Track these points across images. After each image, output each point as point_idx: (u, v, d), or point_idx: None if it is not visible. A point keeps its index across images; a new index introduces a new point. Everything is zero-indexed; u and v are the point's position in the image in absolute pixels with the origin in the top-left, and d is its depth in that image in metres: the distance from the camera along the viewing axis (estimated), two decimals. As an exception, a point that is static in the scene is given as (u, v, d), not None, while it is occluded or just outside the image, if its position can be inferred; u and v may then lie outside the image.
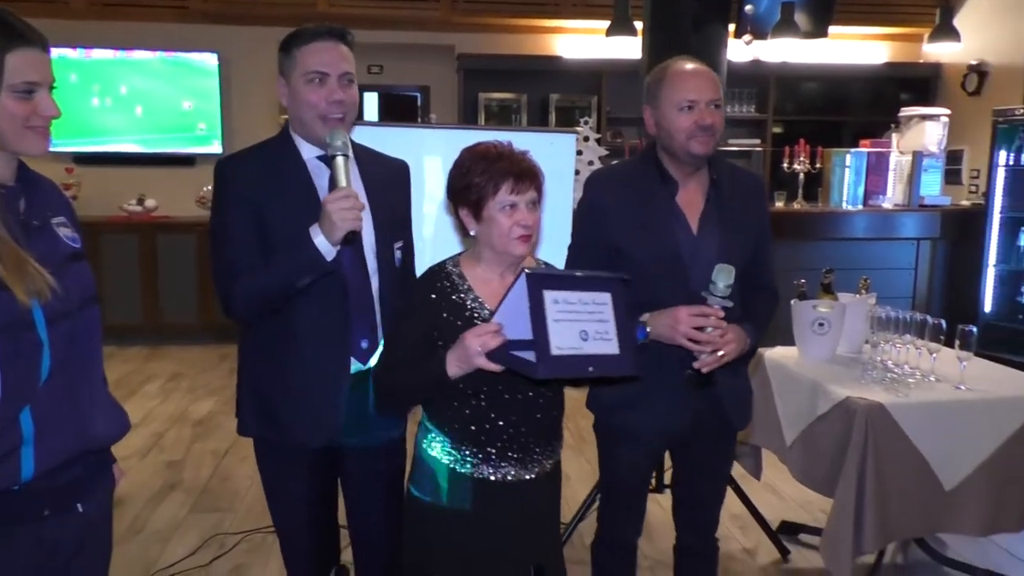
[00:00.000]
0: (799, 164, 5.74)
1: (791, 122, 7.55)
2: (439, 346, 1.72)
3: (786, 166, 5.82)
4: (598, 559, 2.34)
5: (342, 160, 1.82)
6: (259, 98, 6.98)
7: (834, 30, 5.92)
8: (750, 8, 5.32)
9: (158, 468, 4.06)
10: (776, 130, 7.55)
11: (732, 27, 5.07)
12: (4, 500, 1.38)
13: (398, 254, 2.03)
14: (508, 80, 7.26)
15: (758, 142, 7.52)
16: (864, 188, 5.70)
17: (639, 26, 3.87)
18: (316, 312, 1.89)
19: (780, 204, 5.74)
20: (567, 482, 3.92)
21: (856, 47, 7.58)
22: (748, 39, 5.55)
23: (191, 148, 6.96)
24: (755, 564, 3.18)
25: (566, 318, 1.56)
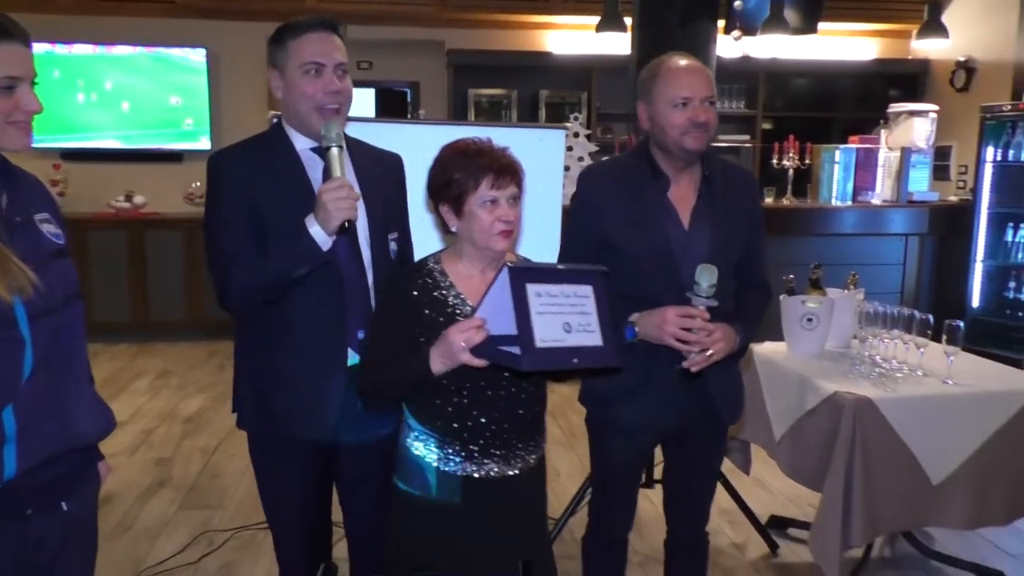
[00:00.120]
0: (788, 160, 5.76)
1: (781, 118, 7.57)
2: (421, 343, 1.71)
3: (776, 162, 5.83)
4: (589, 553, 2.34)
5: (336, 151, 1.83)
6: (247, 94, 6.95)
7: (823, 26, 5.93)
8: (739, 4, 5.33)
9: (147, 465, 4.05)
10: (766, 126, 7.57)
11: (722, 23, 5.08)
12: None
13: (393, 245, 2.03)
14: (498, 76, 7.24)
15: (748, 138, 7.54)
16: (853, 184, 5.73)
17: (629, 22, 3.87)
18: (312, 303, 1.89)
19: (769, 200, 5.76)
20: (558, 477, 3.92)
21: (845, 43, 7.60)
22: (737, 35, 5.56)
23: (179, 144, 6.93)
24: (744, 558, 3.19)
25: (549, 311, 1.56)
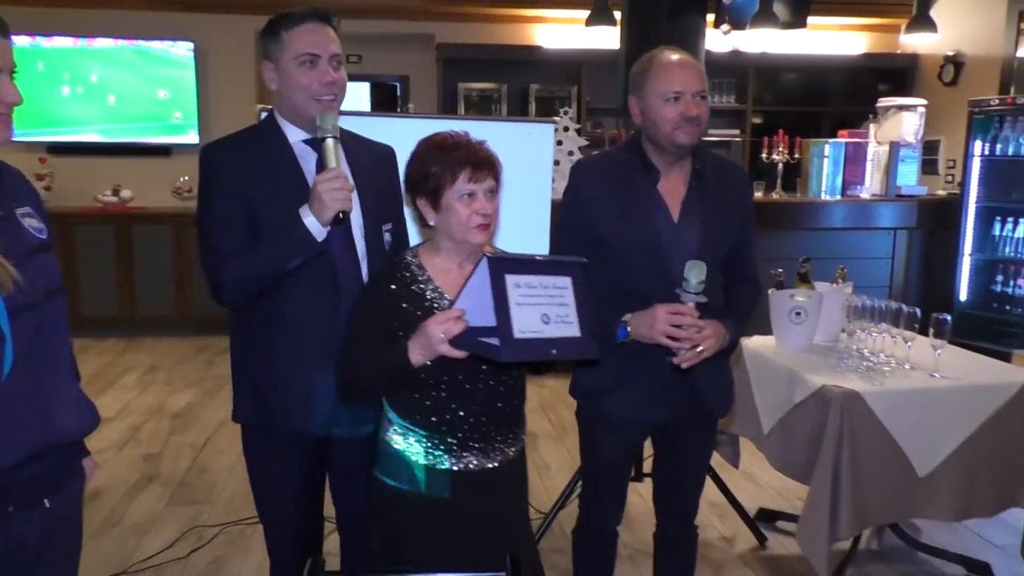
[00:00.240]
0: (778, 154, 5.76)
1: (770, 112, 7.59)
2: (400, 337, 1.71)
3: (765, 156, 5.84)
4: (579, 546, 2.35)
5: (332, 142, 1.83)
6: (235, 87, 6.92)
7: (813, 20, 5.93)
8: (728, -3, 5.32)
9: (135, 461, 4.03)
10: (755, 120, 7.58)
11: (712, 17, 5.08)
12: None
13: (387, 236, 2.03)
14: (488, 70, 7.23)
15: (737, 132, 7.56)
16: (842, 178, 5.74)
17: (618, 16, 3.86)
18: (306, 295, 1.89)
19: (759, 194, 5.76)
20: (548, 471, 3.93)
21: (835, 38, 7.62)
22: (726, 29, 5.56)
23: (167, 138, 6.89)
24: (733, 551, 3.20)
25: (528, 302, 1.57)
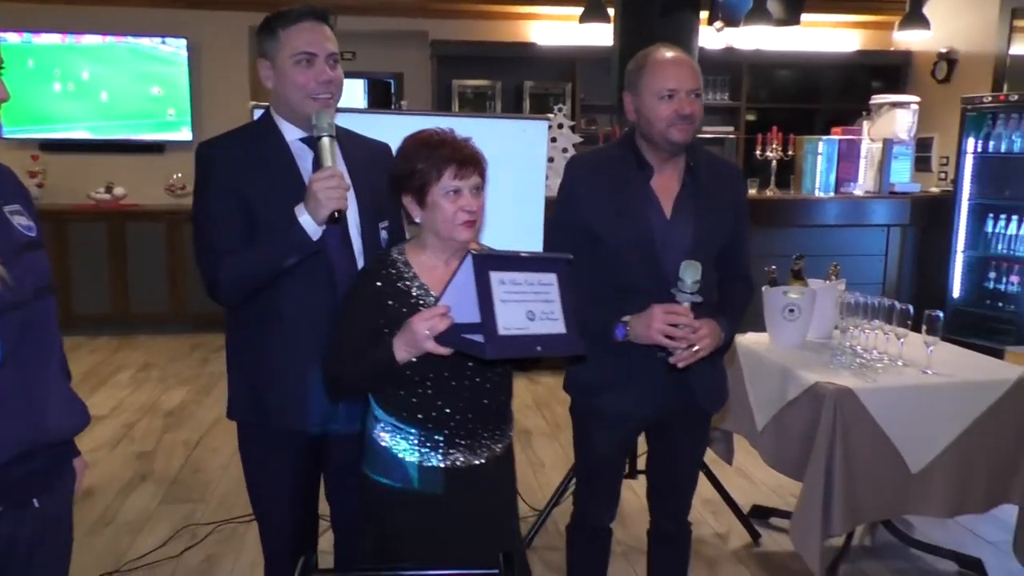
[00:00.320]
0: (772, 151, 5.77)
1: (764, 109, 7.60)
2: (385, 334, 1.72)
3: (759, 153, 5.85)
4: (573, 543, 2.35)
5: (328, 141, 1.83)
6: (228, 84, 6.90)
7: (806, 17, 5.93)
8: (722, -6, 5.31)
9: (128, 459, 4.02)
10: (749, 117, 7.59)
11: (705, 14, 5.07)
12: None
13: (384, 234, 2.03)
14: (482, 67, 7.22)
15: (731, 129, 7.56)
16: (835, 175, 5.75)
17: (612, 13, 3.86)
18: (302, 293, 1.89)
19: (753, 191, 5.77)
20: (542, 468, 3.93)
21: (828, 35, 7.63)
22: (719, 26, 5.55)
23: (160, 134, 6.87)
24: (727, 548, 3.21)
25: (512, 299, 1.57)
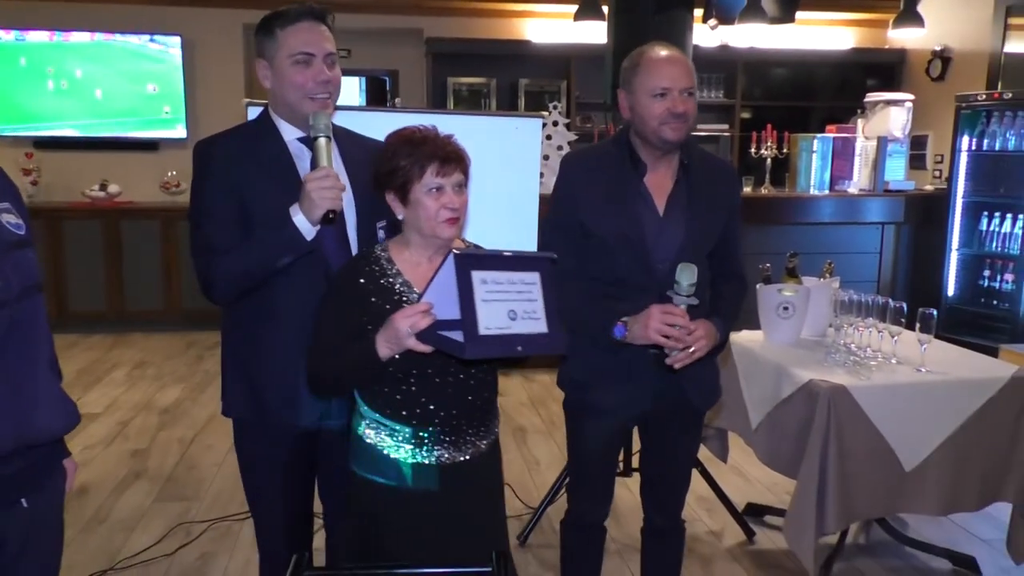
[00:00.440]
0: (767, 149, 5.78)
1: (759, 107, 7.60)
2: (368, 330, 1.72)
3: (754, 151, 5.86)
4: (566, 539, 2.36)
5: (324, 141, 1.83)
6: (223, 81, 6.88)
7: (801, 15, 5.93)
8: (717, -8, 5.32)
9: (123, 457, 4.01)
10: (744, 115, 7.59)
11: (700, 12, 5.08)
12: None
13: (381, 233, 2.03)
14: (477, 64, 7.21)
15: (726, 127, 7.57)
16: (830, 173, 5.76)
17: (607, 11, 3.85)
18: (299, 291, 1.89)
19: (748, 189, 5.78)
20: (537, 467, 3.93)
21: (823, 33, 7.64)
22: (713, 23, 5.56)
23: (154, 132, 6.85)
24: (721, 546, 3.22)
25: (494, 298, 1.57)
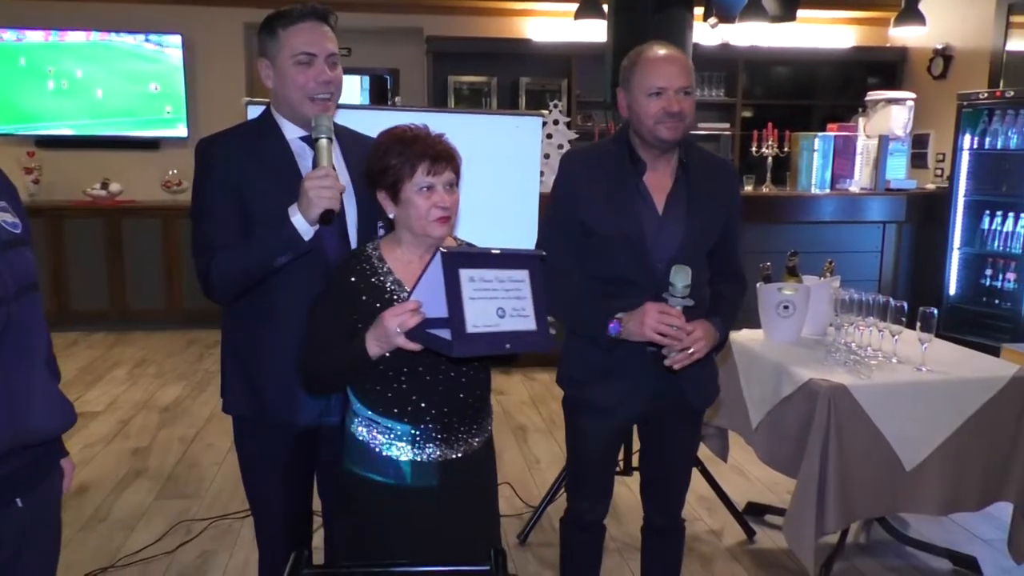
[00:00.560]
0: (767, 148, 5.77)
1: (760, 106, 7.59)
2: (359, 329, 1.72)
3: (755, 150, 5.85)
4: (565, 536, 2.36)
5: (325, 142, 1.84)
6: (224, 80, 6.88)
7: (802, 14, 5.94)
8: (716, -10, 5.31)
9: (124, 455, 4.02)
10: (745, 114, 7.58)
11: (700, 11, 5.07)
12: None
13: (381, 232, 2.03)
14: (478, 63, 7.20)
15: (727, 126, 7.55)
16: (831, 172, 5.75)
17: (607, 9, 3.85)
18: (299, 289, 1.90)
19: (749, 188, 5.78)
20: (537, 465, 3.93)
21: (824, 31, 7.62)
22: (713, 22, 5.55)
23: (156, 131, 6.85)
24: (721, 545, 3.21)
25: (482, 296, 1.57)
